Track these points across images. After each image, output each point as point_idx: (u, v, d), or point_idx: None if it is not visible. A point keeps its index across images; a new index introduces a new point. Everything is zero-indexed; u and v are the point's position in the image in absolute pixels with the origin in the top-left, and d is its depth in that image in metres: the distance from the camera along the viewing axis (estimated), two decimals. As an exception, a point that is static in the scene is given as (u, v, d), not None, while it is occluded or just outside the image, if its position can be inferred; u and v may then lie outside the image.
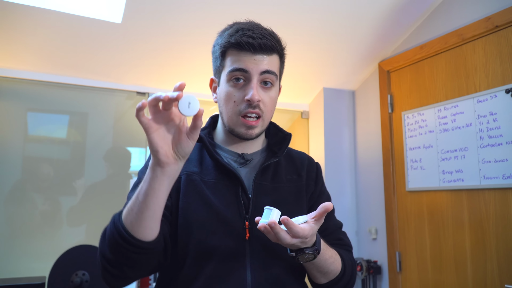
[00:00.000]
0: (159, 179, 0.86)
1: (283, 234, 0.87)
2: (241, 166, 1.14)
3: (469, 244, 2.15)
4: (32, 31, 2.15)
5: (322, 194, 1.23)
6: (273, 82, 1.10)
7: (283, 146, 1.19)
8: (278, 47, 1.10)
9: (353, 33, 2.51)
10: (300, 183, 1.18)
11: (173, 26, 2.23)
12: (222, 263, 1.02)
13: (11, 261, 2.29)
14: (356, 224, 2.95)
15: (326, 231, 1.15)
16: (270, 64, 1.08)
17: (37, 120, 2.52)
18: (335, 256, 1.06)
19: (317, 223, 0.93)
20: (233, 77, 1.07)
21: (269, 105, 1.10)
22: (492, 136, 2.06)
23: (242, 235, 1.04)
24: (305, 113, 3.18)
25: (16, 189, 2.37)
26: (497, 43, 2.08)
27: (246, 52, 1.05)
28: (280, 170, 1.17)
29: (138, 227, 0.88)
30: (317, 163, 1.29)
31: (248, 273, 1.02)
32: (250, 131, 1.08)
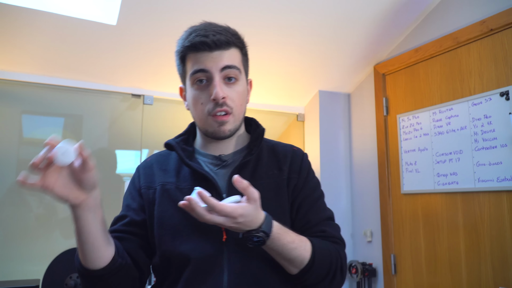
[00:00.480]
0: (82, 218, 0.91)
1: (199, 209, 0.85)
2: (218, 168, 1.13)
3: (464, 246, 2.15)
4: (26, 33, 2.14)
5: (306, 185, 1.17)
6: (237, 76, 1.08)
7: (258, 142, 1.15)
8: (235, 41, 1.08)
9: (348, 36, 2.52)
10: (281, 178, 1.13)
11: (168, 28, 2.23)
12: (199, 267, 1.02)
13: (5, 264, 2.28)
14: (351, 226, 2.95)
15: (308, 224, 1.12)
16: (230, 59, 1.06)
17: (32, 122, 2.51)
18: (298, 242, 1.00)
19: (250, 201, 0.90)
20: (195, 79, 1.07)
21: (237, 100, 1.08)
22: (486, 139, 2.07)
23: (219, 237, 1.03)
24: (300, 116, 3.18)
25: (11, 192, 2.36)
26: (492, 47, 2.09)
27: (202, 51, 1.05)
28: (260, 166, 1.14)
29: (87, 259, 0.95)
30: (304, 154, 1.24)
31: (225, 275, 1.01)
32: (222, 127, 1.07)
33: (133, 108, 2.66)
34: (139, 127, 2.65)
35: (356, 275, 2.69)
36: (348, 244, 2.91)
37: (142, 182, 1.14)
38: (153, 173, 1.15)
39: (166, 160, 1.17)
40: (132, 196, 1.13)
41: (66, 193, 0.86)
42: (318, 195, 1.20)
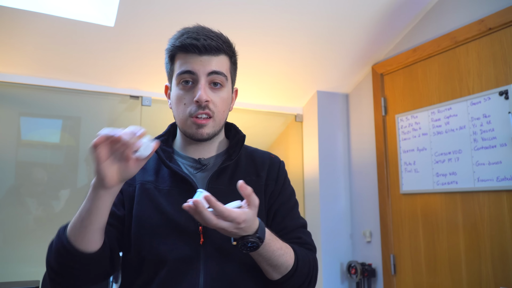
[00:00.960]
0: (102, 198, 0.92)
1: (206, 213, 0.85)
2: (197, 172, 1.14)
3: (464, 246, 2.15)
4: (25, 34, 2.14)
5: (282, 192, 1.20)
6: (223, 82, 1.10)
7: (237, 148, 1.18)
8: (225, 48, 1.10)
9: (346, 37, 2.52)
10: (259, 184, 1.16)
11: (166, 29, 2.22)
12: (175, 268, 1.02)
13: (4, 265, 2.27)
14: (350, 227, 2.94)
15: (284, 230, 1.14)
16: (218, 65, 1.08)
17: (30, 124, 2.50)
18: (285, 248, 1.03)
19: (251, 207, 0.91)
20: (181, 80, 1.08)
21: (220, 106, 1.10)
22: (485, 138, 2.07)
23: (196, 240, 1.04)
24: (299, 117, 3.17)
25: (10, 194, 2.35)
26: (490, 46, 2.09)
27: (192, 54, 1.06)
28: (238, 172, 1.16)
29: (81, 240, 0.94)
30: (281, 162, 1.26)
31: (201, 277, 1.02)
32: (200, 130, 1.08)
33: (131, 109, 2.65)
34: (138, 128, 2.64)
35: (355, 275, 2.69)
36: (347, 244, 2.91)
37: None
38: None
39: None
40: None
41: (108, 172, 0.89)
42: (294, 203, 1.24)
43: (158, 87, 2.66)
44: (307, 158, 3.06)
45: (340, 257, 2.87)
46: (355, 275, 2.69)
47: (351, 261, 2.77)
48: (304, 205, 3.03)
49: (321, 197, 2.88)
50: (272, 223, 1.15)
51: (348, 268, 2.76)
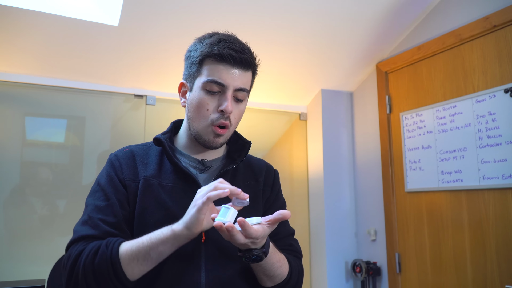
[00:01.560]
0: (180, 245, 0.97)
1: (238, 236, 0.89)
2: (200, 173, 1.17)
3: (469, 244, 2.14)
4: (29, 34, 2.14)
5: (277, 199, 1.27)
6: (244, 98, 1.13)
7: (243, 153, 1.22)
8: (254, 64, 1.14)
9: (350, 35, 2.51)
10: (257, 188, 1.22)
11: (170, 28, 2.23)
12: (177, 265, 1.04)
13: (10, 265, 2.28)
14: (355, 225, 2.94)
15: (277, 235, 1.19)
16: (245, 82, 1.11)
17: (35, 124, 2.51)
18: (282, 261, 1.09)
19: (270, 227, 0.95)
20: (208, 86, 1.08)
21: (237, 118, 1.14)
22: (491, 136, 2.06)
23: (198, 238, 1.04)
24: (303, 115, 3.17)
25: (15, 193, 2.36)
26: (496, 43, 2.08)
27: (225, 64, 1.07)
28: (238, 176, 1.21)
29: (138, 274, 0.98)
30: (275, 170, 1.33)
31: (202, 274, 1.05)
32: (216, 139, 1.11)
33: (136, 108, 2.65)
34: (142, 127, 2.65)
35: (360, 274, 2.68)
36: (352, 242, 2.91)
37: (125, 173, 1.12)
38: (135, 165, 1.14)
39: (146, 154, 1.18)
40: (116, 185, 1.10)
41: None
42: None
43: (162, 86, 2.67)
44: (311, 157, 3.05)
45: (345, 256, 2.87)
46: (360, 273, 2.69)
47: (356, 260, 2.77)
48: (308, 203, 3.03)
49: (325, 196, 2.87)
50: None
51: (353, 266, 2.76)
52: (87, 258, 0.97)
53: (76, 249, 1.00)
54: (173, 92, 2.72)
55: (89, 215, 1.06)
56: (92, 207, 1.07)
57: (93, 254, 0.97)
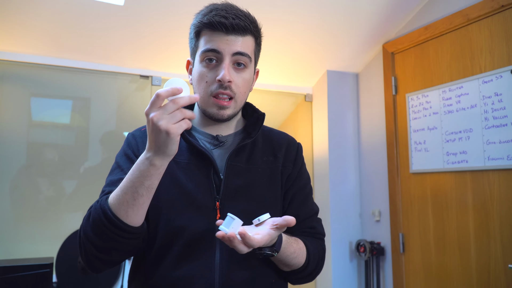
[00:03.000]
0: (161, 169, 0.94)
1: (240, 247, 0.88)
2: (215, 148, 1.14)
3: (473, 225, 2.15)
4: (34, 14, 2.14)
5: (299, 177, 1.22)
6: (246, 63, 1.09)
7: (257, 126, 1.18)
8: (252, 28, 1.08)
9: (357, 15, 2.49)
10: (276, 165, 1.17)
11: (176, 8, 2.22)
12: (191, 243, 1.03)
13: (16, 243, 2.32)
14: (359, 206, 2.96)
15: (298, 217, 1.12)
16: (243, 46, 1.07)
17: (41, 105, 2.52)
18: (298, 251, 1.07)
19: (278, 230, 0.93)
20: (205, 57, 1.06)
21: (242, 87, 1.09)
22: (497, 117, 2.06)
23: (212, 215, 1.05)
24: (308, 96, 3.17)
25: (21, 174, 2.39)
26: (503, 23, 2.06)
27: (219, 32, 1.05)
28: (256, 151, 1.17)
29: (135, 216, 0.94)
30: (298, 144, 1.27)
31: (217, 253, 1.04)
32: (221, 111, 1.07)
33: (142, 89, 2.66)
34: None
35: (364, 253, 2.71)
36: (357, 223, 2.93)
37: (141, 150, 1.10)
38: None
39: None
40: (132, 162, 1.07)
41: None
42: (309, 189, 1.25)
43: (168, 66, 2.66)
44: (316, 138, 3.06)
45: (349, 236, 2.89)
46: (364, 253, 2.72)
47: (360, 240, 2.79)
48: (314, 184, 3.04)
49: (330, 177, 2.89)
50: (288, 208, 1.18)
51: (357, 246, 2.79)
52: (84, 220, 0.99)
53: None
54: (179, 72, 2.72)
55: (103, 189, 1.07)
56: (107, 181, 1.08)
57: (88, 215, 0.98)
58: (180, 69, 2.68)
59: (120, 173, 1.08)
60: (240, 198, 1.09)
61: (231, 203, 1.07)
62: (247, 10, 1.12)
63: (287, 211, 1.17)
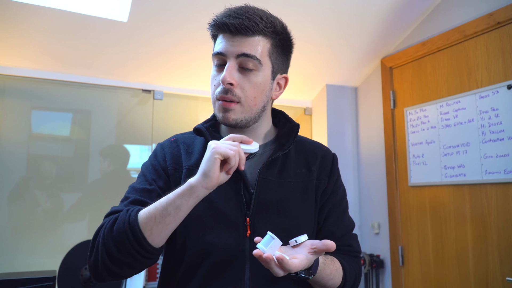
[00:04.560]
0: (198, 198, 0.91)
1: (276, 270, 0.84)
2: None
3: (471, 238, 2.18)
4: (37, 29, 2.17)
5: (335, 191, 1.16)
6: (256, 67, 1.02)
7: (291, 138, 1.11)
8: (261, 28, 1.01)
9: (355, 30, 2.53)
10: (309, 179, 1.10)
11: (178, 24, 2.25)
12: (220, 259, 0.99)
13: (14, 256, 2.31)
14: (359, 219, 2.98)
15: (332, 236, 1.10)
16: (250, 47, 1.00)
17: (41, 118, 2.53)
18: (335, 272, 1.02)
19: (316, 255, 0.90)
20: (214, 61, 1.05)
21: (250, 91, 1.02)
22: (493, 131, 2.09)
23: (242, 232, 1.01)
24: (308, 110, 3.20)
25: (21, 186, 2.39)
26: (499, 40, 2.11)
27: (225, 34, 1.01)
28: (288, 163, 1.10)
29: (157, 236, 0.91)
30: (333, 154, 1.21)
31: (247, 270, 0.99)
32: (226, 114, 1.02)
33: (144, 103, 2.69)
34: (150, 122, 2.68)
35: (363, 266, 2.72)
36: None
37: (168, 162, 1.08)
38: (179, 155, 1.10)
39: (192, 143, 1.13)
40: (158, 173, 1.07)
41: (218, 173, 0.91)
42: (346, 204, 1.20)
43: (170, 80, 2.69)
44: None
45: (348, 249, 2.90)
46: (363, 266, 2.73)
47: (359, 253, 2.80)
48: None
49: (329, 190, 2.90)
50: (324, 224, 1.12)
51: (356, 259, 2.79)
52: (107, 226, 0.94)
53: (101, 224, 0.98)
54: (181, 87, 2.75)
55: (125, 195, 1.04)
56: (130, 189, 1.05)
57: (113, 221, 0.94)
58: (182, 83, 2.71)
59: (144, 182, 1.05)
60: (272, 214, 1.03)
61: (262, 218, 1.02)
62: (267, 10, 1.08)
63: (322, 227, 1.12)
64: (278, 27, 1.06)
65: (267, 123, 1.14)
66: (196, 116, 2.76)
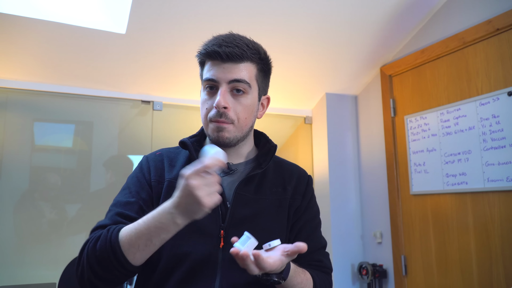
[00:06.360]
0: (180, 227, 0.93)
1: (252, 267, 0.88)
2: (225, 175, 1.15)
3: (474, 247, 2.15)
4: (38, 43, 2.18)
5: (308, 209, 1.22)
6: (246, 90, 1.10)
7: (268, 157, 1.19)
8: (249, 55, 1.10)
9: (354, 39, 2.53)
10: (284, 197, 1.17)
11: (176, 35, 2.26)
12: (192, 269, 1.04)
13: (19, 269, 2.31)
14: (361, 228, 2.95)
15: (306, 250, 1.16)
16: (240, 73, 1.08)
17: (44, 130, 2.54)
18: (305, 281, 1.07)
19: (288, 257, 0.93)
20: (206, 85, 1.11)
21: (242, 112, 1.10)
22: (495, 138, 2.07)
23: (216, 243, 1.06)
24: (308, 119, 3.19)
25: (24, 198, 2.40)
26: (499, 46, 2.10)
27: (215, 61, 1.08)
28: (265, 182, 1.17)
29: (140, 259, 0.96)
30: (309, 176, 1.28)
31: (217, 281, 1.04)
32: (221, 133, 1.09)
33: (143, 114, 2.69)
34: (149, 132, 2.68)
35: (366, 276, 2.70)
36: (358, 245, 2.92)
37: (152, 175, 1.14)
38: (162, 168, 1.16)
39: (176, 157, 1.19)
40: (142, 185, 1.13)
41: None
42: (318, 222, 1.26)
43: (169, 92, 2.70)
44: (316, 160, 3.07)
45: (351, 258, 2.88)
46: (366, 276, 2.70)
47: (362, 262, 2.78)
48: (314, 206, 3.04)
49: (331, 199, 2.89)
50: (295, 240, 1.16)
51: (359, 269, 2.77)
52: (90, 243, 0.99)
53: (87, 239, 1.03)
54: (180, 97, 2.75)
55: (110, 207, 1.09)
56: (114, 201, 1.11)
57: (95, 240, 0.98)
58: (180, 94, 2.71)
59: (128, 195, 1.11)
60: (245, 227, 1.05)
61: (236, 232, 1.06)
62: (250, 38, 1.16)
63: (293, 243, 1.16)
64: (262, 53, 1.16)
65: (249, 143, 1.22)
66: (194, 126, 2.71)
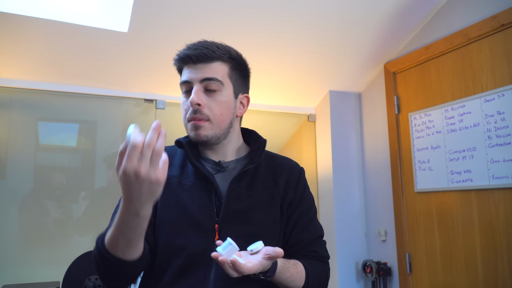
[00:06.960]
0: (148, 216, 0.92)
1: (230, 272, 0.93)
2: (216, 173, 1.19)
3: (479, 244, 2.14)
4: (41, 42, 2.18)
5: (303, 201, 1.25)
6: (218, 88, 1.15)
7: (259, 152, 1.22)
8: (219, 55, 1.15)
9: (358, 36, 2.52)
10: (276, 191, 1.21)
11: (178, 33, 2.26)
12: (189, 260, 1.08)
13: (24, 267, 2.32)
14: (365, 226, 2.94)
15: (299, 244, 1.21)
16: (211, 72, 1.14)
17: (48, 129, 2.55)
18: (296, 275, 1.10)
19: (270, 260, 0.98)
20: (183, 89, 1.17)
21: (217, 109, 1.14)
22: (500, 135, 2.06)
23: (211, 236, 1.10)
24: (311, 116, 3.18)
25: (29, 197, 2.40)
26: (504, 42, 2.08)
27: (188, 64, 1.16)
28: (258, 177, 1.21)
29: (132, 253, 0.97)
30: (301, 168, 1.31)
31: (212, 272, 1.08)
32: (198, 131, 1.13)
33: (146, 112, 2.69)
34: (152, 131, 2.68)
35: (371, 274, 2.69)
36: (362, 243, 2.91)
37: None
38: None
39: (173, 155, 1.24)
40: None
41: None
42: (313, 212, 1.29)
43: (171, 90, 2.70)
44: (320, 158, 3.06)
45: (355, 256, 2.87)
46: (370, 274, 2.70)
47: (366, 260, 2.77)
48: (318, 204, 3.04)
49: (335, 197, 2.88)
50: (291, 234, 1.21)
51: (364, 267, 2.76)
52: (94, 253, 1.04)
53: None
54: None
55: (115, 209, 1.13)
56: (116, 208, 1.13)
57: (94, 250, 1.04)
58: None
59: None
60: (238, 222, 1.13)
61: (229, 226, 1.12)
62: (221, 42, 1.21)
63: (290, 236, 1.21)
64: (233, 53, 1.20)
65: (236, 140, 1.26)
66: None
